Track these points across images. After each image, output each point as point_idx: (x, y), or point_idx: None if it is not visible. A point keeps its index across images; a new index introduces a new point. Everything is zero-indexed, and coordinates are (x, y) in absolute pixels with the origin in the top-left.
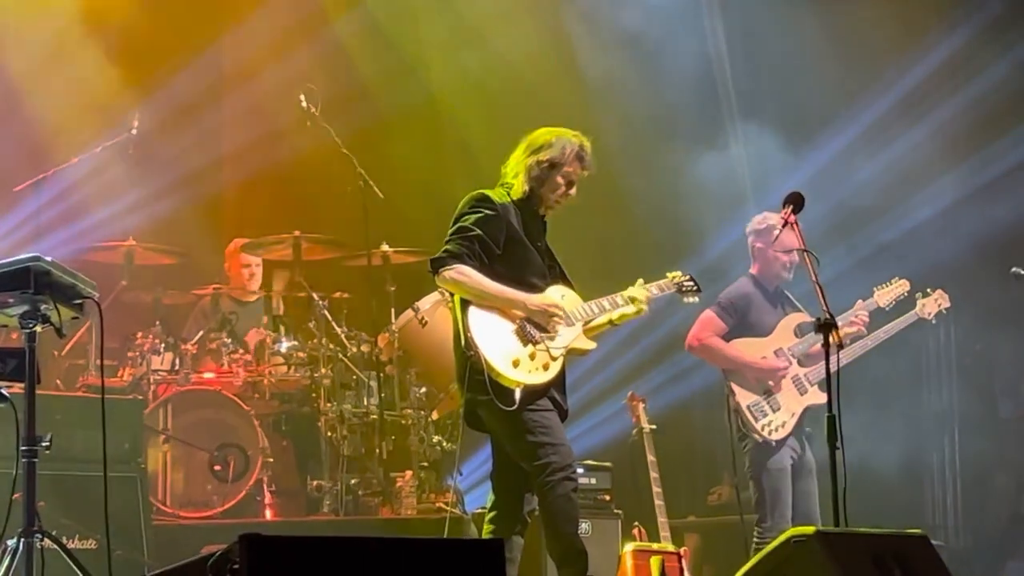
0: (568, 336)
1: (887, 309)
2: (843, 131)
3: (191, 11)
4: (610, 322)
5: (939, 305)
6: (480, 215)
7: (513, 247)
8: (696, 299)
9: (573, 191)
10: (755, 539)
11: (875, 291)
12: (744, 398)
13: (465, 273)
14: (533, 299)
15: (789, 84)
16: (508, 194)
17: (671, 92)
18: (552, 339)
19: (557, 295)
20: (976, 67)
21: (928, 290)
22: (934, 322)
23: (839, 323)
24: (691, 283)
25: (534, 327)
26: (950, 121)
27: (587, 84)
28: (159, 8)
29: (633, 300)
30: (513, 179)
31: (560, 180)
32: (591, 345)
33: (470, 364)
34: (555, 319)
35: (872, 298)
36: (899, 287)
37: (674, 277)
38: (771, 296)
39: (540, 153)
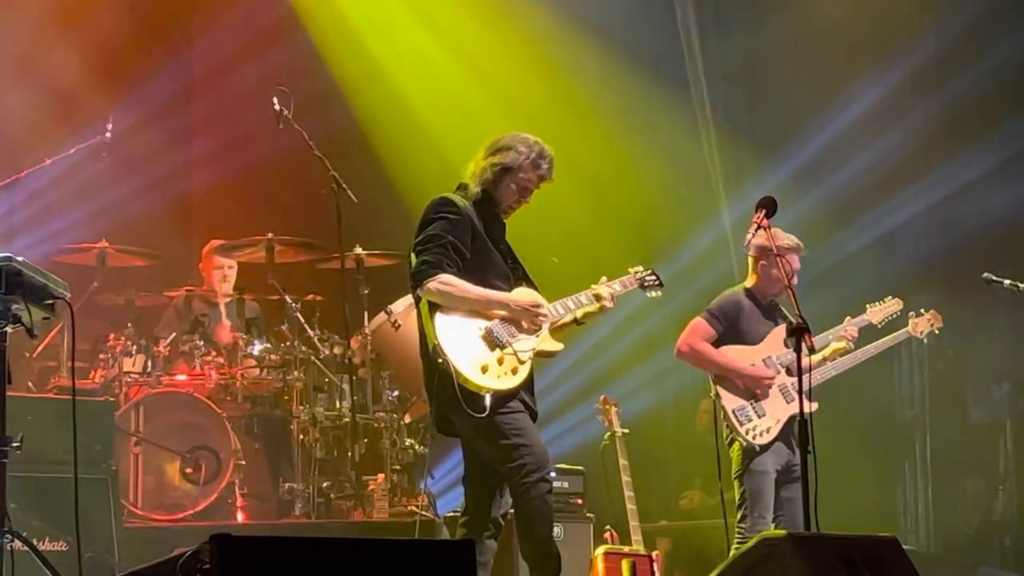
0: (535, 339)
1: (879, 327)
2: (816, 136)
3: (164, 13)
4: (575, 320)
5: (932, 325)
6: (446, 220)
7: (476, 250)
8: (659, 293)
9: (528, 198)
10: (736, 540)
11: (868, 308)
12: (730, 402)
13: (449, 282)
14: (519, 300)
15: (762, 90)
16: (465, 196)
17: (644, 95)
18: (520, 343)
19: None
20: (946, 74)
21: (922, 310)
22: (926, 341)
23: (828, 338)
24: (653, 277)
25: (502, 331)
26: (924, 125)
27: (561, 88)
28: (132, 10)
29: (597, 298)
30: (470, 180)
31: (513, 186)
32: (558, 346)
33: (439, 371)
34: (540, 318)
35: (864, 315)
36: (893, 305)
37: (636, 272)
38: (764, 307)
39: (496, 156)
